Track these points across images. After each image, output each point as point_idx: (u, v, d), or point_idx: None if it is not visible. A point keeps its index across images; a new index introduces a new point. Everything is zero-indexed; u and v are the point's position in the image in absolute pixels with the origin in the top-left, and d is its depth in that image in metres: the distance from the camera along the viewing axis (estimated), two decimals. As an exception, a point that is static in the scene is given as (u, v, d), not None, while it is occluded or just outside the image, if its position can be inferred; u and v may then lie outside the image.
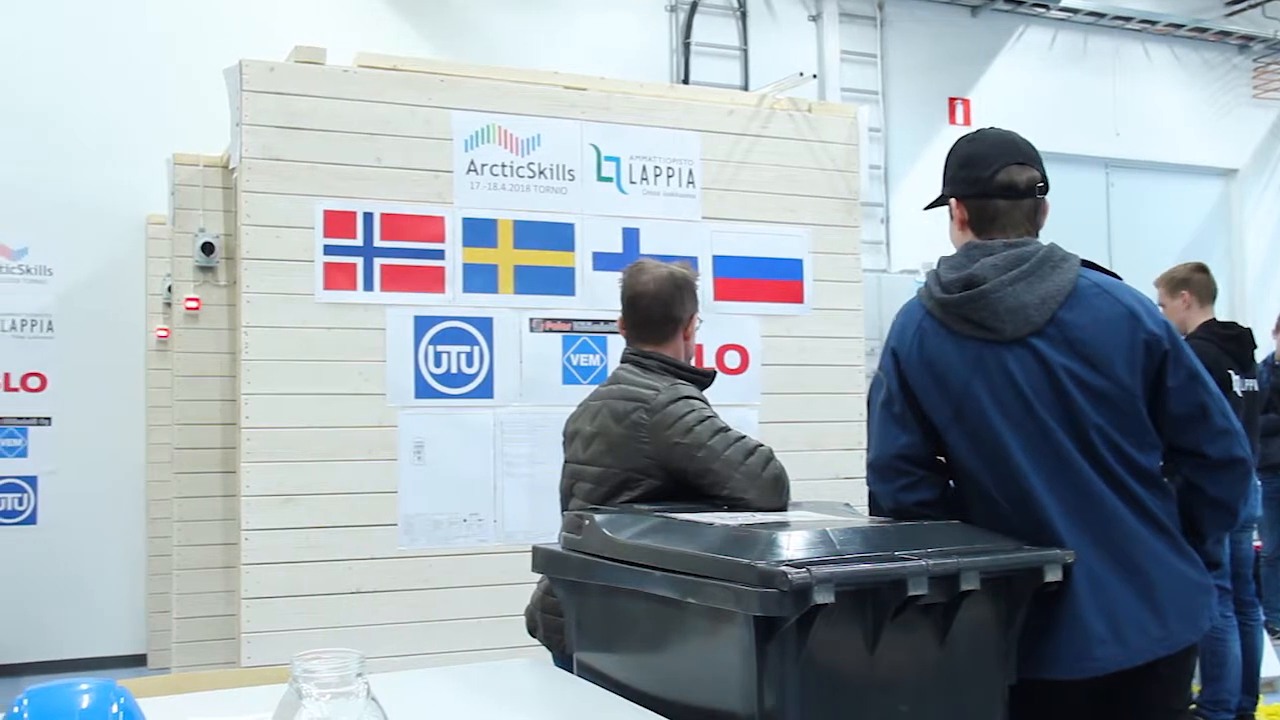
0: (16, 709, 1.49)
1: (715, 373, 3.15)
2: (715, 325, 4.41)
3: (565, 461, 3.13)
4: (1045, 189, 2.48)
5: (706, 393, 3.00)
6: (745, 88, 8.49)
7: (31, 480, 6.93)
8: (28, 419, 6.93)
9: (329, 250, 3.96)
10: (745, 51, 8.90)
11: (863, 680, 2.10)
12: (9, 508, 6.88)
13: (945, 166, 2.54)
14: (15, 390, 6.90)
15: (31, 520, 6.94)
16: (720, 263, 4.55)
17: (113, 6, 7.21)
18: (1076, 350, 2.32)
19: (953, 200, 2.51)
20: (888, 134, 9.32)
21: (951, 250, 2.50)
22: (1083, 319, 2.33)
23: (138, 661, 6.96)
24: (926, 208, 2.65)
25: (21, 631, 6.88)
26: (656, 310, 2.99)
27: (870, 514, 2.76)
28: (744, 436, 2.80)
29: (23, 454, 6.91)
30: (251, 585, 3.80)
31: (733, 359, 4.54)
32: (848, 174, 4.76)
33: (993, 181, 2.44)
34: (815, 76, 8.64)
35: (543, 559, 2.57)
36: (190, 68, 7.06)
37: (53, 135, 7.01)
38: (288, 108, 3.94)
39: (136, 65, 7.16)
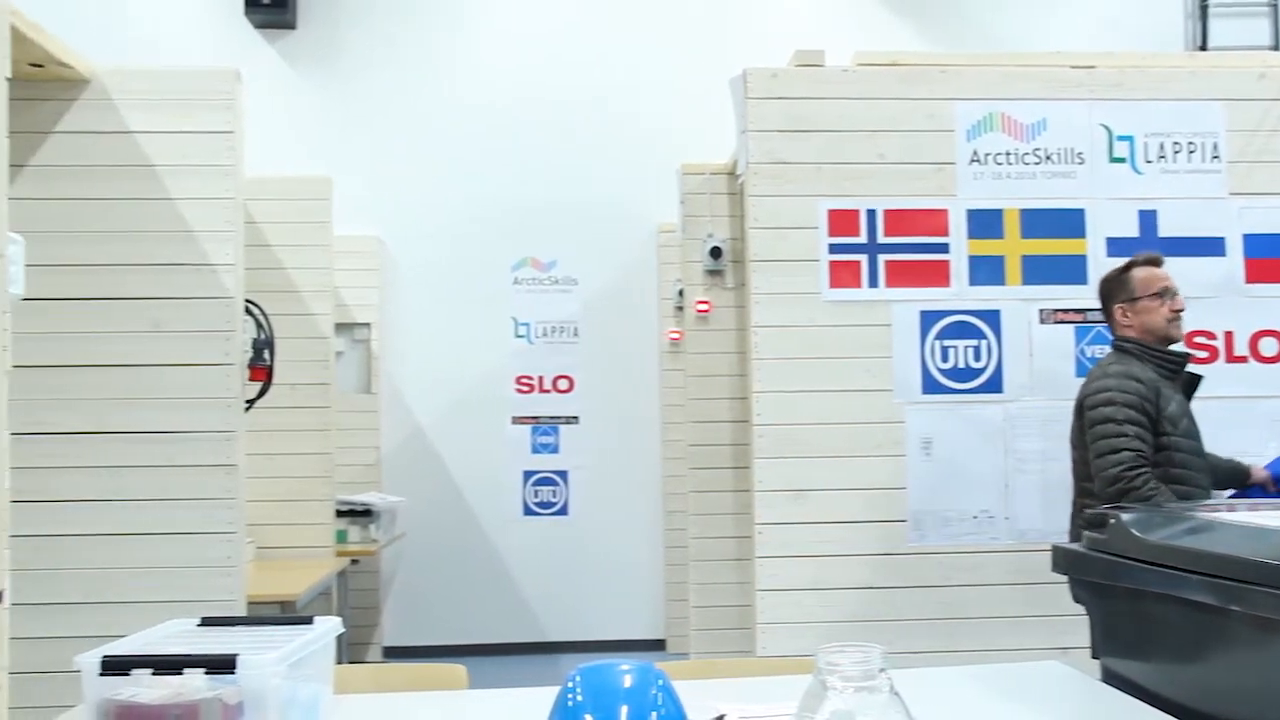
0: (570, 684, 1.60)
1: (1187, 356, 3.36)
2: (1247, 310, 4.05)
3: None
4: None
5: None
6: (1276, 47, 7.74)
7: (563, 474, 7.52)
8: (559, 418, 7.53)
9: (833, 249, 4.01)
10: (1276, 6, 8.10)
11: None
12: (545, 500, 7.51)
13: None
14: (548, 392, 7.52)
15: (564, 512, 7.52)
16: (1251, 242, 4.18)
17: (621, 31, 7.67)
18: None
19: None
20: None
21: None
22: None
23: (657, 646, 7.34)
24: None
25: (557, 613, 7.47)
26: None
27: None
28: (1123, 435, 2.60)
29: (555, 450, 7.51)
30: (765, 578, 3.91)
31: (1269, 346, 4.15)
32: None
33: None
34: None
35: (1063, 559, 2.46)
36: (694, 81, 7.38)
37: (574, 154, 7.56)
38: (790, 112, 4.02)
39: (645, 82, 7.58)
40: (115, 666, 1.72)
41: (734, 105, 4.09)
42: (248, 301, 3.83)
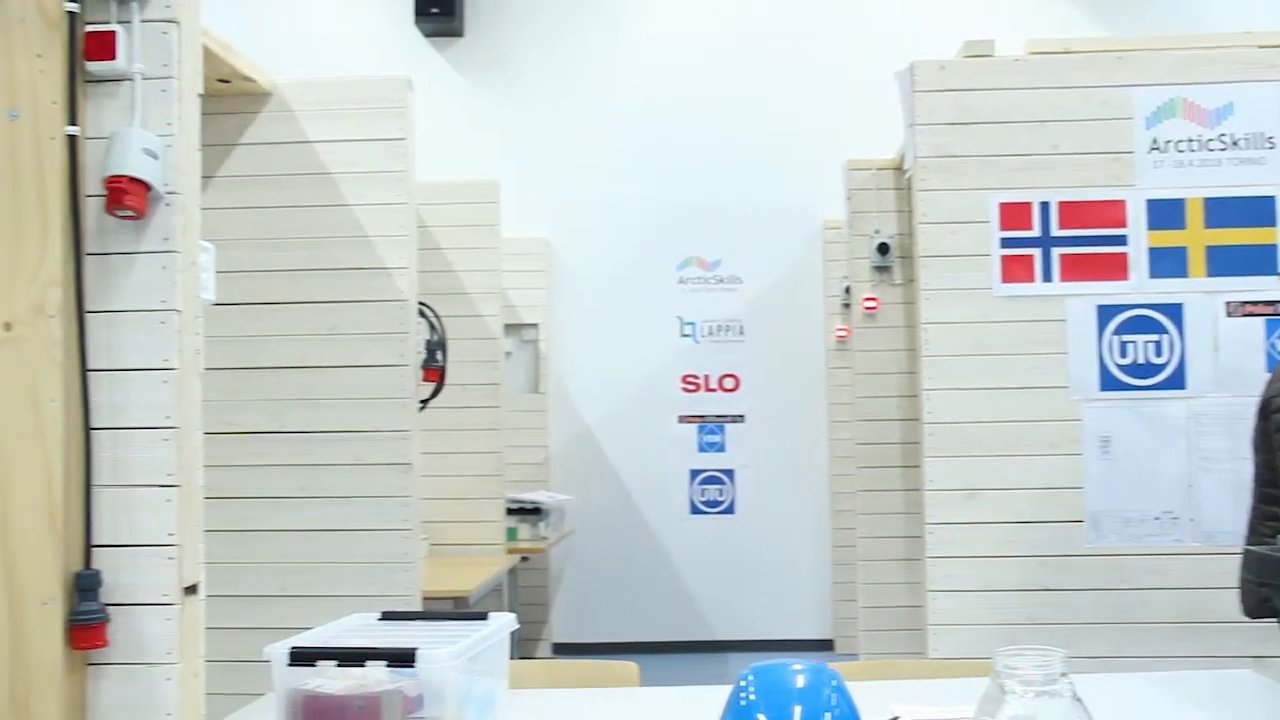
0: (743, 683, 1.60)
1: None
2: None
3: None
4: None
5: None
6: None
7: (729, 473, 7.52)
8: (725, 416, 7.54)
9: (1005, 243, 3.91)
10: None
11: None
12: (711, 498, 7.52)
13: None
14: (714, 390, 7.53)
15: (730, 510, 7.53)
16: None
17: (783, 25, 7.63)
18: None
19: None
20: None
21: None
22: None
23: (824, 646, 7.30)
24: None
25: (724, 612, 7.48)
26: None
27: None
28: None
29: (721, 449, 7.52)
30: (937, 578, 3.84)
31: None
32: None
33: None
34: None
35: (1257, 562, 2.36)
36: (858, 75, 7.32)
37: (738, 152, 7.56)
38: (959, 104, 3.94)
39: (809, 78, 7.54)
40: (302, 658, 1.79)
41: (901, 99, 4.03)
42: (421, 304, 3.92)
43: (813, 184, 7.36)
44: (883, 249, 5.12)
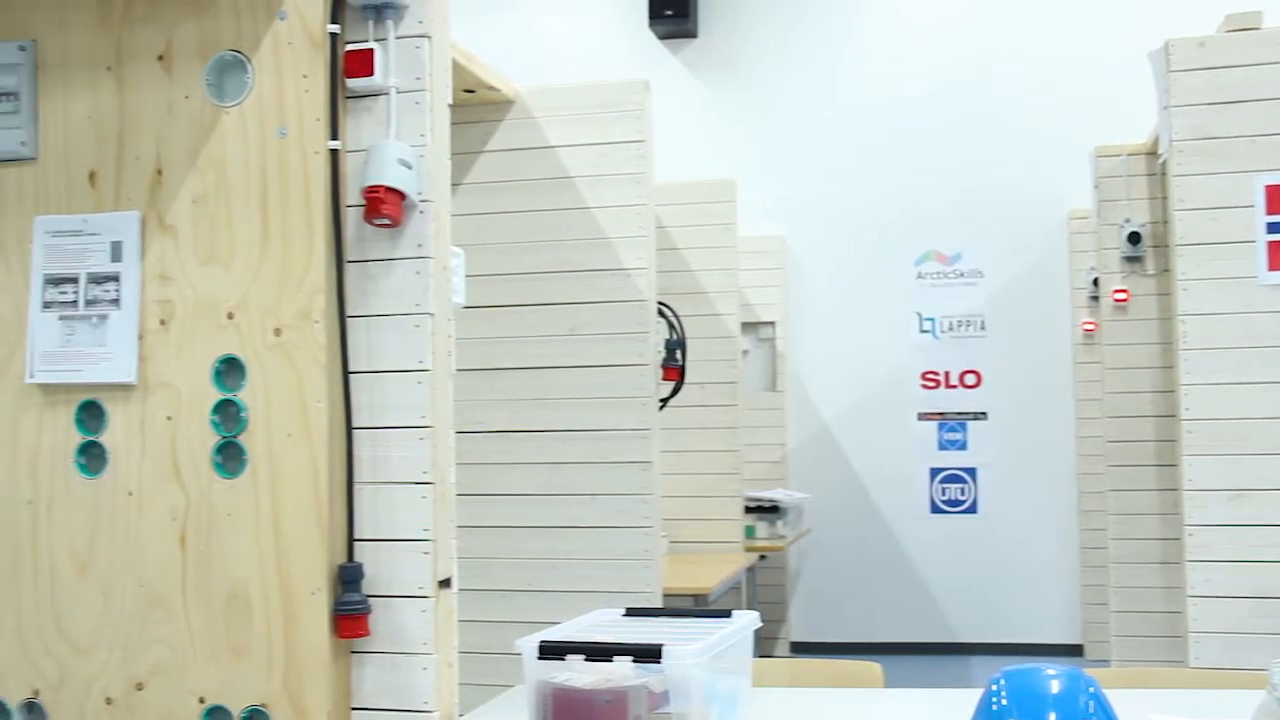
0: (994, 687, 1.56)
1: None
2: None
3: None
4: None
5: None
6: None
7: (971, 471, 7.35)
8: (966, 414, 7.37)
9: (1272, 228, 3.69)
10: None
11: None
12: (953, 497, 7.37)
13: None
14: (954, 387, 7.38)
15: (972, 509, 7.35)
16: None
17: (1019, 6, 7.40)
18: None
19: None
20: None
21: None
22: None
23: (1073, 651, 7.05)
24: None
25: (967, 613, 7.31)
26: None
27: None
28: None
29: (963, 447, 7.36)
30: (1198, 583, 3.66)
31: None
32: None
33: None
34: None
35: None
36: (1102, 57, 7.04)
37: (976, 143, 7.38)
38: (1220, 82, 3.74)
39: (1049, 61, 7.30)
40: (551, 651, 1.83)
41: (1154, 80, 3.85)
42: (660, 303, 3.97)
43: (1056, 172, 7.14)
44: (1134, 238, 4.92)
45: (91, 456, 2.14)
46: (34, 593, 2.14)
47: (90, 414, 2.14)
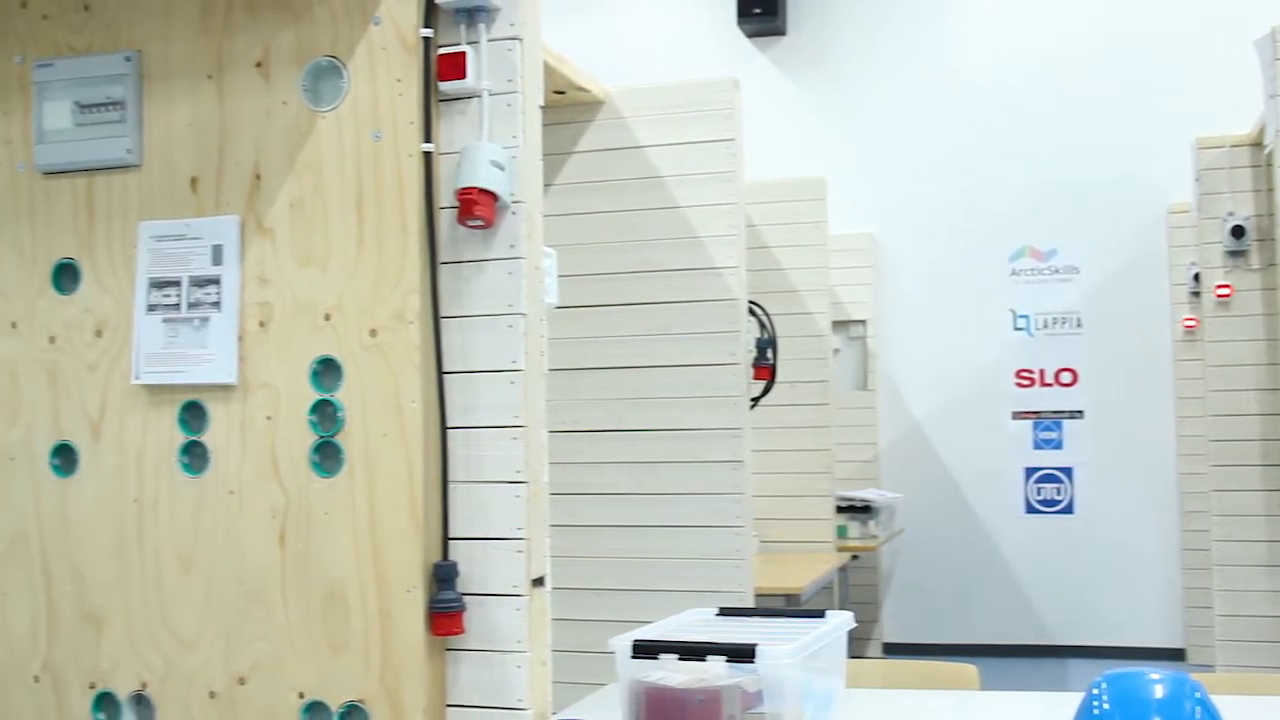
0: (1095, 691, 1.54)
1: None
2: None
3: None
4: None
5: None
6: None
7: (1067, 471, 7.23)
8: (1061, 412, 7.25)
9: (1382, 221, 3.59)
10: None
11: None
12: (1048, 497, 7.25)
13: None
14: (1050, 385, 7.26)
15: (1069, 510, 7.23)
16: None
17: (1122, 2, 7.26)
18: None
19: None
20: None
21: None
22: None
23: (1175, 655, 6.90)
24: None
25: (1064, 615, 7.19)
26: None
27: None
28: None
29: (1058, 446, 7.24)
30: (1306, 586, 3.56)
31: None
32: None
33: None
34: None
35: None
36: (1204, 46, 6.89)
37: (1072, 136, 7.25)
38: (1325, 72, 3.64)
39: (1149, 52, 7.15)
40: (645, 650, 1.84)
41: (1260, 68, 3.76)
42: (750, 302, 3.96)
43: (1155, 165, 6.99)
44: (1238, 232, 4.80)
45: (194, 456, 2.18)
46: (141, 588, 2.19)
47: (193, 414, 2.19)
